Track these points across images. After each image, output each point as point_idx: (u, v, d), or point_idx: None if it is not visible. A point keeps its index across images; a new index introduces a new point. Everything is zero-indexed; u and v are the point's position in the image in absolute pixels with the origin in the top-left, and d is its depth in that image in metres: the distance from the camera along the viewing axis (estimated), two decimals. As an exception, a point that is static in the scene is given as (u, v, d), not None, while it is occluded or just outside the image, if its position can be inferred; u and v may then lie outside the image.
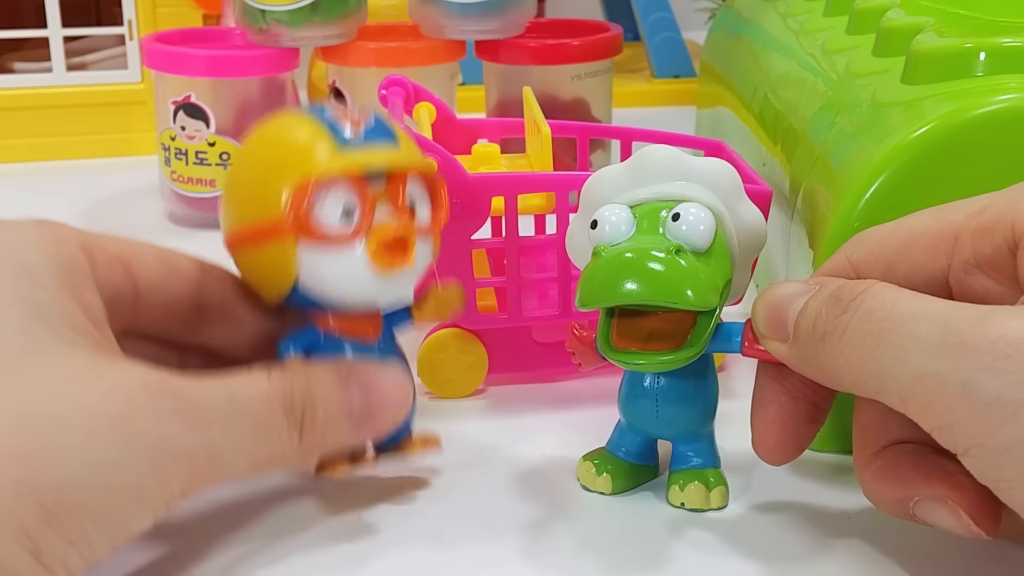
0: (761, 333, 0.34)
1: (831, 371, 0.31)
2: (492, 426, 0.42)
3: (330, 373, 0.34)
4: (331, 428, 0.34)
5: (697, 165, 0.36)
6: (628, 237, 0.34)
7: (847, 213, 0.37)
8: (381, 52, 0.64)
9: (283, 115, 0.36)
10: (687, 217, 0.34)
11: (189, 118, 0.62)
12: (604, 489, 0.37)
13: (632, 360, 0.34)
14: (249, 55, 0.61)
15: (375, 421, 0.35)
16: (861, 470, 0.33)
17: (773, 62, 0.53)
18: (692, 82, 0.85)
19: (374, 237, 0.34)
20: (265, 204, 0.34)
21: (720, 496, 0.37)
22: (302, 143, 0.34)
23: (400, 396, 0.35)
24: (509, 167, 0.48)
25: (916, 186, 0.36)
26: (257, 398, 0.32)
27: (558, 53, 0.65)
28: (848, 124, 0.40)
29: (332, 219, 0.34)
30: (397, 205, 0.34)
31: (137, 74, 0.75)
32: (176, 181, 0.63)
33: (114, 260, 0.34)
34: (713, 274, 0.34)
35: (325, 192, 0.33)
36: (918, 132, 0.36)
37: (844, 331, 0.30)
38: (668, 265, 0.33)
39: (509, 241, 0.43)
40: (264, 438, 0.32)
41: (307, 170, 0.33)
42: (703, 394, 0.37)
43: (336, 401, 0.34)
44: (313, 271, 0.34)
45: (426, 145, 0.40)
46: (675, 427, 0.37)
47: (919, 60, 0.38)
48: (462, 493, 0.37)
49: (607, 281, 0.33)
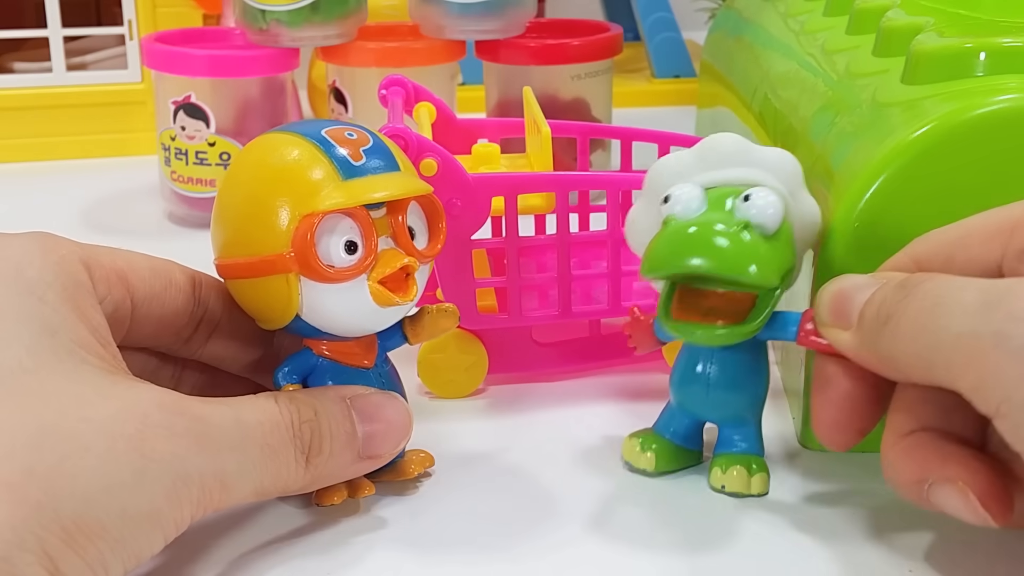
0: (823, 321, 0.34)
1: (889, 356, 0.31)
2: (492, 426, 0.42)
3: (335, 403, 0.34)
4: (336, 458, 0.34)
5: (762, 153, 0.36)
6: (699, 214, 0.35)
7: (847, 213, 0.37)
8: (381, 52, 0.64)
9: (278, 137, 0.34)
10: (757, 200, 0.34)
11: (189, 118, 0.62)
12: (648, 466, 0.38)
13: (689, 331, 0.35)
14: (249, 55, 0.61)
15: (378, 451, 0.35)
16: (886, 451, 0.33)
17: (773, 62, 0.53)
18: (692, 82, 0.85)
19: (378, 271, 0.33)
20: (265, 236, 0.33)
21: (761, 482, 0.37)
22: (303, 171, 0.33)
23: (402, 426, 0.36)
24: (509, 167, 0.48)
25: (916, 186, 0.36)
26: (266, 424, 0.32)
27: (558, 53, 0.65)
28: (848, 124, 0.40)
29: (336, 254, 0.33)
30: (399, 235, 0.34)
31: (137, 74, 0.75)
32: (176, 181, 0.63)
33: (112, 275, 0.34)
34: (777, 256, 0.34)
35: (329, 226, 0.33)
36: (918, 132, 0.36)
37: (904, 312, 0.31)
38: (732, 240, 0.33)
39: (509, 241, 0.43)
40: (271, 465, 0.32)
41: (310, 203, 0.33)
42: (754, 381, 0.37)
43: (342, 431, 0.34)
44: (315, 305, 0.34)
45: (426, 145, 0.40)
46: (724, 411, 0.37)
47: (919, 60, 0.38)
48: (462, 494, 0.37)
49: (671, 252, 0.34)
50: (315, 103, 0.83)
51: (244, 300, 0.35)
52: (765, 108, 0.51)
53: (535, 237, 0.47)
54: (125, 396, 0.30)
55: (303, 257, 0.33)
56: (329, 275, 0.33)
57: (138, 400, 0.30)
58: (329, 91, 0.67)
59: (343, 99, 0.66)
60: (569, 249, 0.43)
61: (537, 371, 0.45)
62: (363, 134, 0.34)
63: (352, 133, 0.34)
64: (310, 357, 0.35)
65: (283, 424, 0.33)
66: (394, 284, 0.34)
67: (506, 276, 0.43)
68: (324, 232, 0.33)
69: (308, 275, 0.33)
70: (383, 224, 0.34)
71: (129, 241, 0.59)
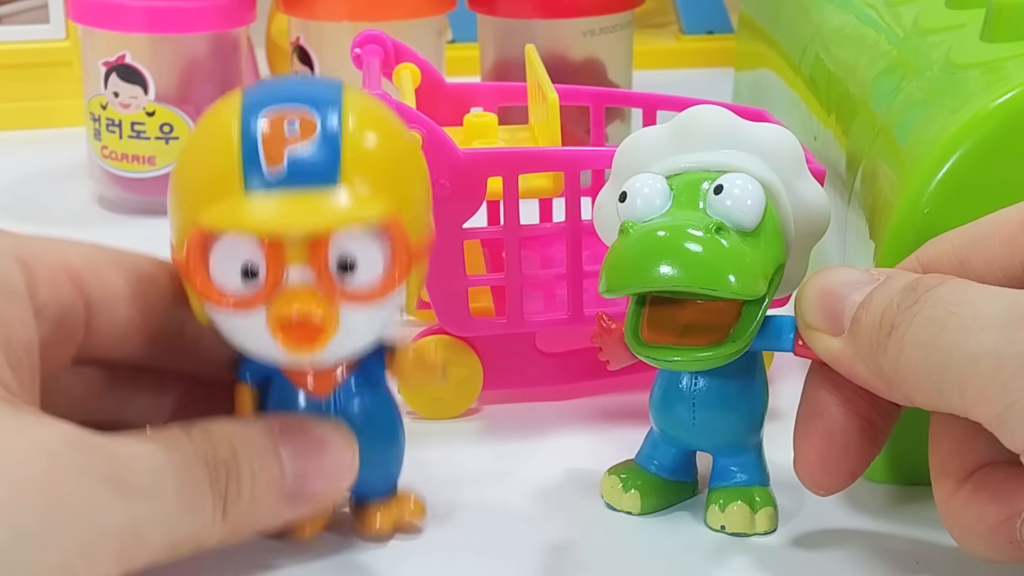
0: (808, 323, 0.34)
1: (892, 372, 0.31)
2: (487, 452, 0.42)
3: (258, 437, 0.34)
4: (258, 503, 0.33)
5: (752, 132, 0.36)
6: (663, 212, 0.35)
7: (915, 196, 0.37)
8: (355, 2, 0.64)
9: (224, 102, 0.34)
10: (731, 190, 0.34)
11: (123, 82, 0.62)
12: (631, 508, 0.38)
13: (664, 356, 0.35)
14: (195, 6, 0.61)
15: (311, 495, 0.34)
16: (947, 501, 0.33)
17: (827, 15, 0.53)
18: (729, 39, 0.85)
19: (278, 309, 0.32)
20: (176, 232, 0.33)
21: (767, 519, 0.37)
22: (206, 162, 0.33)
23: (343, 461, 0.35)
24: (509, 141, 0.48)
25: (998, 163, 0.36)
26: (183, 465, 0.32)
27: (568, 4, 0.65)
28: (917, 90, 0.40)
29: (230, 277, 0.33)
30: (317, 269, 0.32)
31: (61, 29, 0.75)
32: (107, 158, 0.63)
33: (60, 274, 0.34)
34: (761, 258, 0.34)
35: (226, 240, 0.32)
36: (1000, 99, 0.36)
37: (911, 323, 0.31)
38: (707, 245, 0.33)
39: (508, 231, 0.43)
40: (187, 514, 0.32)
41: (199, 210, 0.32)
42: (749, 399, 0.37)
43: (265, 470, 0.33)
44: (220, 326, 0.34)
45: (409, 115, 0.40)
46: (715, 437, 0.37)
47: (1002, 13, 0.38)
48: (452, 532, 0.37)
49: (636, 264, 0.34)
50: (275, 65, 0.83)
51: None
52: (816, 71, 0.51)
53: (539, 225, 0.47)
54: (31, 432, 0.30)
55: (189, 275, 0.33)
56: (217, 300, 0.33)
57: (46, 437, 0.30)
58: (292, 50, 0.67)
59: (308, 60, 0.66)
60: (580, 240, 0.43)
61: (541, 387, 0.45)
62: (310, 124, 0.32)
63: (295, 122, 0.32)
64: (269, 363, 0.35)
65: (197, 463, 0.32)
66: (297, 332, 0.32)
67: (505, 272, 0.43)
68: (220, 246, 0.33)
69: (197, 294, 0.33)
70: (301, 252, 0.32)
71: (51, 230, 0.59)
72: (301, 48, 0.66)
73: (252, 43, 0.69)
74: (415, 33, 0.63)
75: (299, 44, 0.66)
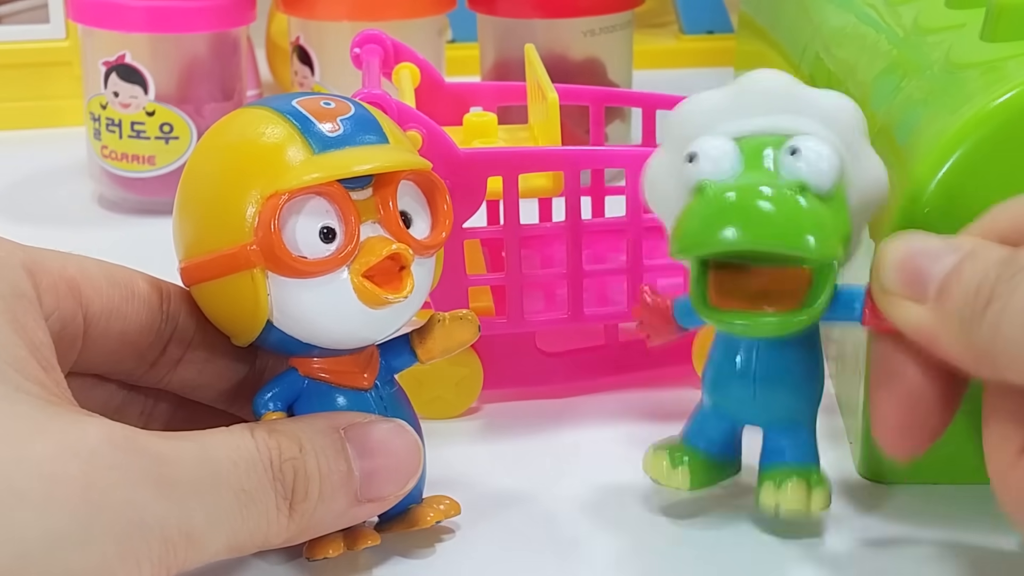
0: (887, 287, 0.33)
1: (986, 345, 0.30)
2: (487, 452, 0.42)
3: (325, 435, 0.34)
4: (328, 503, 0.33)
5: (815, 97, 0.36)
6: (734, 175, 0.34)
7: (915, 196, 0.37)
8: (355, 2, 0.64)
9: (242, 112, 0.35)
10: (807, 153, 0.34)
11: (123, 82, 0.62)
12: (682, 485, 0.37)
13: (736, 320, 0.34)
14: (195, 6, 0.61)
15: (380, 493, 0.34)
16: (1004, 474, 0.32)
17: (827, 15, 0.53)
18: (729, 39, 0.85)
19: (361, 261, 0.33)
20: (225, 226, 0.33)
21: (822, 498, 0.36)
22: (268, 146, 0.33)
23: (410, 461, 0.35)
24: (508, 141, 0.48)
25: (998, 163, 0.36)
26: (241, 463, 0.32)
27: (568, 4, 0.65)
28: (917, 89, 0.40)
29: (308, 242, 0.33)
30: (388, 219, 0.34)
31: (61, 29, 0.75)
32: (107, 158, 0.63)
33: (62, 284, 0.34)
34: (837, 221, 0.34)
35: (299, 208, 0.33)
36: (1000, 99, 0.36)
37: (1011, 295, 0.30)
38: (783, 205, 0.33)
39: (508, 230, 0.43)
40: (248, 513, 0.32)
41: (274, 182, 0.32)
42: (811, 375, 0.37)
43: (334, 469, 0.33)
44: (288, 307, 0.33)
45: (408, 115, 0.40)
46: (773, 412, 0.37)
47: (1002, 13, 0.38)
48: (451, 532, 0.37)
49: (709, 225, 0.33)
50: (275, 64, 0.83)
51: (209, 308, 0.35)
52: (817, 71, 0.51)
53: (539, 225, 0.47)
54: (68, 431, 0.30)
55: (267, 246, 0.32)
56: (300, 268, 0.33)
57: (84, 435, 0.30)
58: (292, 50, 0.67)
59: (308, 59, 0.66)
60: (580, 239, 0.43)
61: (542, 386, 0.45)
62: (342, 103, 0.34)
63: (330, 102, 0.34)
64: (297, 379, 0.35)
65: (261, 463, 0.32)
66: (383, 278, 0.33)
67: (505, 272, 0.43)
68: (293, 216, 0.33)
69: (275, 269, 0.33)
70: (369, 207, 0.34)
71: (51, 231, 0.59)
72: (301, 48, 0.66)
73: (252, 43, 0.69)
74: (415, 33, 0.63)
75: (299, 44, 0.66)
